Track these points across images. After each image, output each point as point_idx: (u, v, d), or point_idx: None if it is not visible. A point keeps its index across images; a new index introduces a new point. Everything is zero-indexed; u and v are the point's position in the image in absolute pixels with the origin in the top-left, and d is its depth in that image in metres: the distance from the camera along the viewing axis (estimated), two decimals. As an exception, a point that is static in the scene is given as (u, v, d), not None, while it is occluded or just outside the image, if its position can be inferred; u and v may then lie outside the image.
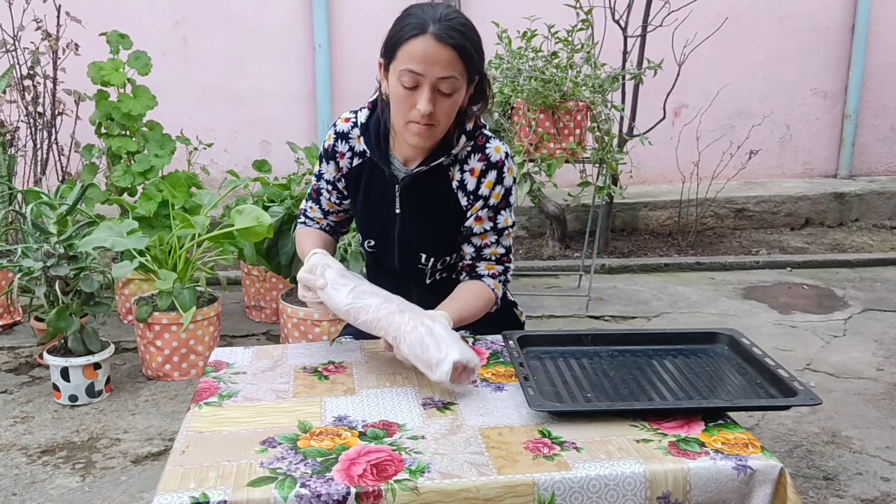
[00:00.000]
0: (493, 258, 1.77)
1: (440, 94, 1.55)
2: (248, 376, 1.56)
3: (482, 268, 1.77)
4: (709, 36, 4.87)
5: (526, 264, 4.51)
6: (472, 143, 1.69)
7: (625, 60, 4.40)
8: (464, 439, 1.30)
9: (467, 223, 1.74)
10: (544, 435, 1.31)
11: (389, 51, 1.57)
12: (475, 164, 1.69)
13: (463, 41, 1.53)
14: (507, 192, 1.72)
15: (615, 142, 3.83)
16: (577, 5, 3.77)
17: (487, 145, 1.69)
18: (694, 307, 4.00)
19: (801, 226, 5.52)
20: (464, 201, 1.71)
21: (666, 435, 1.31)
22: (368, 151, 1.72)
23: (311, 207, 1.88)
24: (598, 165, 3.74)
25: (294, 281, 3.22)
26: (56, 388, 2.82)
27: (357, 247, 3.05)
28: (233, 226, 2.91)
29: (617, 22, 4.37)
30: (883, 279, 4.46)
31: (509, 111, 3.67)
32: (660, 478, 1.20)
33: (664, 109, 4.57)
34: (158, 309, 2.95)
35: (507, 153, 1.72)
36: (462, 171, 1.70)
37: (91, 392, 2.83)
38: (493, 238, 1.75)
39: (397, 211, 1.74)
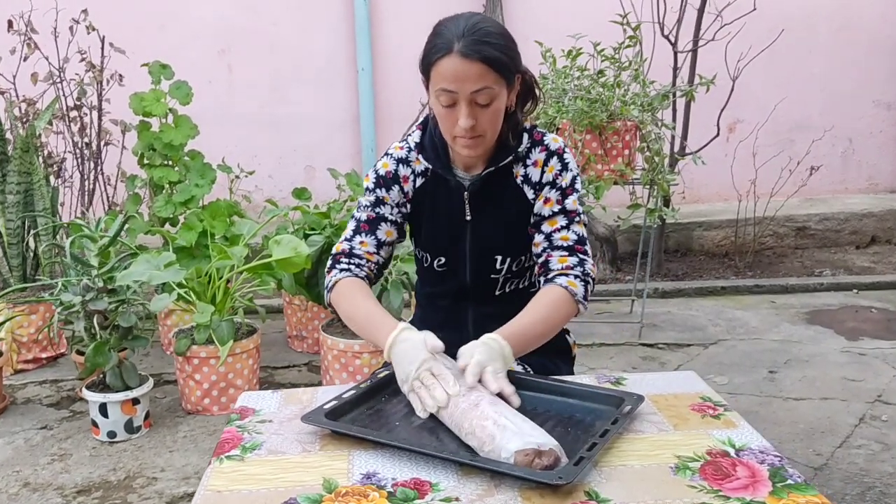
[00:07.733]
0: (564, 245, 1.68)
1: (478, 106, 1.55)
2: (275, 425, 1.47)
3: (554, 261, 1.67)
4: (764, 49, 4.69)
5: (575, 289, 4.37)
6: (530, 140, 1.72)
7: (675, 77, 4.25)
8: (502, 501, 1.18)
9: (535, 208, 1.71)
10: (591, 497, 1.18)
11: (424, 71, 1.59)
12: (537, 155, 1.71)
13: (490, 51, 1.51)
14: (573, 177, 1.71)
15: (666, 161, 3.67)
16: (625, 21, 3.64)
17: (545, 138, 1.73)
18: (753, 333, 3.81)
19: (866, 244, 5.26)
20: (530, 194, 1.71)
21: (728, 498, 1.17)
22: (431, 167, 1.72)
23: (361, 243, 1.75)
24: (648, 187, 3.58)
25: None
26: (95, 423, 2.78)
27: (398, 276, 2.95)
28: (271, 256, 2.85)
29: (666, 37, 4.23)
30: (958, 301, 4.20)
31: (554, 132, 3.55)
32: (723, 550, 1.07)
33: (718, 126, 4.39)
34: (196, 342, 2.90)
35: (564, 143, 1.73)
36: (525, 165, 1.71)
37: (129, 428, 2.78)
38: (562, 222, 1.69)
39: (468, 218, 1.73)
